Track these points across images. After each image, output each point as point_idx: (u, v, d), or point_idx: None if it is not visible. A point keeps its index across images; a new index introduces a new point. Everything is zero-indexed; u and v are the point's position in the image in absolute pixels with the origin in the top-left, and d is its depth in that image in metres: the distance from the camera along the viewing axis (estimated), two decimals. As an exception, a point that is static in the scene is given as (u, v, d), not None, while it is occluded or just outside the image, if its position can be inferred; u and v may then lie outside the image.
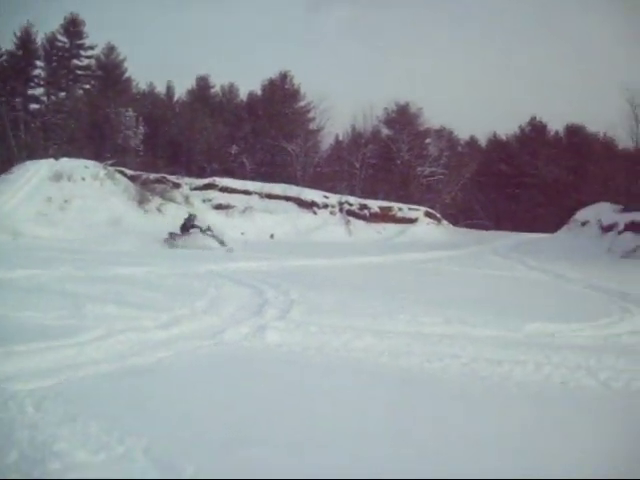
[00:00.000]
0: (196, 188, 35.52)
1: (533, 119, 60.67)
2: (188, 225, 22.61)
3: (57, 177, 24.38)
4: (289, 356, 6.30)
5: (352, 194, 42.49)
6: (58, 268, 11.50)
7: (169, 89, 57.12)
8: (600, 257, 25.57)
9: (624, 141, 42.27)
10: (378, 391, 5.27)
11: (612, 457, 4.06)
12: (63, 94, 49.06)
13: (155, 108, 51.72)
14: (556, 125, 60.52)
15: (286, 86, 55.74)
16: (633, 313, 10.00)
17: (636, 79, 58.63)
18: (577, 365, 6.26)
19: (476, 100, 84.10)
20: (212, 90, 58.27)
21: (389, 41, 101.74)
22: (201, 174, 42.57)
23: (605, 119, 67.35)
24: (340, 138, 56.73)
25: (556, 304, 11.38)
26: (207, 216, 29.81)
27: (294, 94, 55.63)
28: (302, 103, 55.63)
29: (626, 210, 30.87)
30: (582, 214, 34.05)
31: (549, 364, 6.25)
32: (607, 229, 30.02)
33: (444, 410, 4.89)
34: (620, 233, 28.41)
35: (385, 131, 55.92)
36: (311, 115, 54.89)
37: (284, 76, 55.57)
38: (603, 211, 32.15)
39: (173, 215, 27.14)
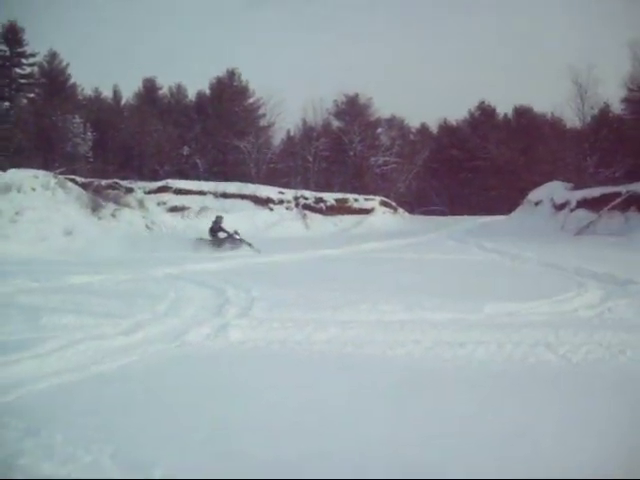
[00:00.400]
0: (150, 192, 35.16)
1: (482, 103, 61.61)
2: (216, 228, 21.68)
3: (6, 189, 23.79)
4: (253, 352, 6.30)
5: (307, 188, 42.56)
6: (11, 281, 11.22)
7: (116, 93, 56.63)
8: (554, 235, 26.05)
9: (571, 120, 43.02)
10: (342, 381, 5.30)
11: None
12: (7, 104, 48.05)
13: (103, 113, 51.07)
14: (505, 108, 61.56)
15: (234, 83, 55.52)
16: (588, 288, 10.22)
17: (581, 59, 59.85)
18: (536, 342, 6.38)
19: (425, 88, 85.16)
20: (160, 92, 57.84)
21: (335, 33, 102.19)
22: (154, 177, 42.18)
23: (552, 100, 68.49)
24: (292, 133, 56.90)
25: (514, 284, 11.56)
26: (162, 218, 29.59)
27: (243, 91, 55.48)
28: (251, 100, 55.54)
29: (577, 187, 31.45)
30: (535, 194, 34.59)
31: (510, 343, 6.35)
32: (560, 207, 30.55)
33: (409, 395, 4.95)
34: (572, 210, 28.94)
35: (336, 123, 56.25)
36: (261, 111, 54.91)
37: (232, 73, 55.38)
38: (555, 190, 32.69)
39: (128, 220, 26.83)
